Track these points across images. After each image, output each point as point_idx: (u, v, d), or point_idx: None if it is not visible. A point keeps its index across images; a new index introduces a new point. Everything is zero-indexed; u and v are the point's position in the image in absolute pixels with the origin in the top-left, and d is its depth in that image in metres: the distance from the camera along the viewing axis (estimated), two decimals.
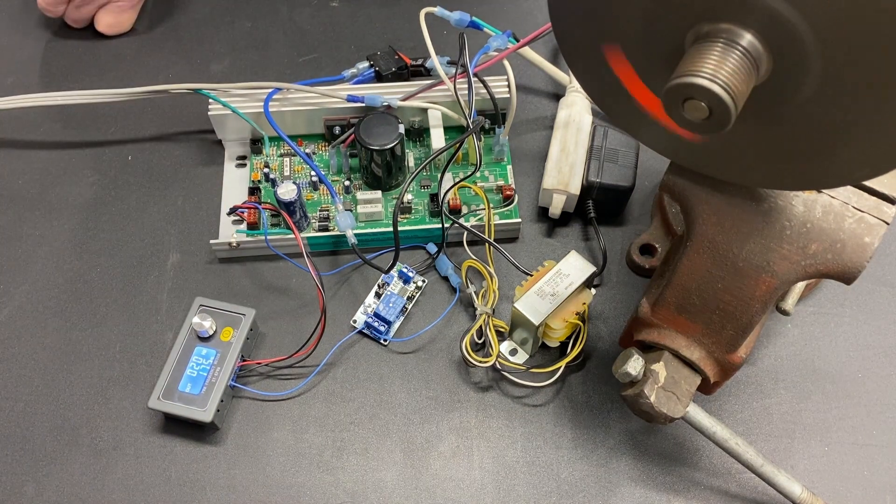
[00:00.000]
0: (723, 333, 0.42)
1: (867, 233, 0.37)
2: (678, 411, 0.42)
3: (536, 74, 0.62)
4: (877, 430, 0.49)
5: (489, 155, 0.57)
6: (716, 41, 0.28)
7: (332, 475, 0.47)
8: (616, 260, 0.55)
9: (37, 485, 0.46)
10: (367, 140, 0.52)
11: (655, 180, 0.58)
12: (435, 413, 0.49)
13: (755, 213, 0.38)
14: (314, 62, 0.64)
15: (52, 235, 0.55)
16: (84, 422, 0.48)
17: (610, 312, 0.53)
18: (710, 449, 0.48)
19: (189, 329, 0.48)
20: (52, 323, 0.52)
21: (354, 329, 0.51)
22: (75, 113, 0.61)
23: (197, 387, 0.47)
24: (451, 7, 0.56)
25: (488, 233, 0.53)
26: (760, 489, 0.46)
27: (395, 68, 0.58)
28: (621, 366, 0.43)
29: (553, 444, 0.48)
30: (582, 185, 0.53)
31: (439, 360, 0.51)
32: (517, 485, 0.47)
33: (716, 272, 0.40)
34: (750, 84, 0.29)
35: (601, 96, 0.37)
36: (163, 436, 0.48)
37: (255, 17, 0.66)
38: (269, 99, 0.54)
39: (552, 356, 0.51)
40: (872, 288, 0.53)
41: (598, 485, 0.47)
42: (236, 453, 0.47)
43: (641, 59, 0.33)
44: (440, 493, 0.46)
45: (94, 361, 0.50)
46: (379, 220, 0.54)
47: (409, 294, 0.53)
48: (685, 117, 0.29)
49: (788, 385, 0.50)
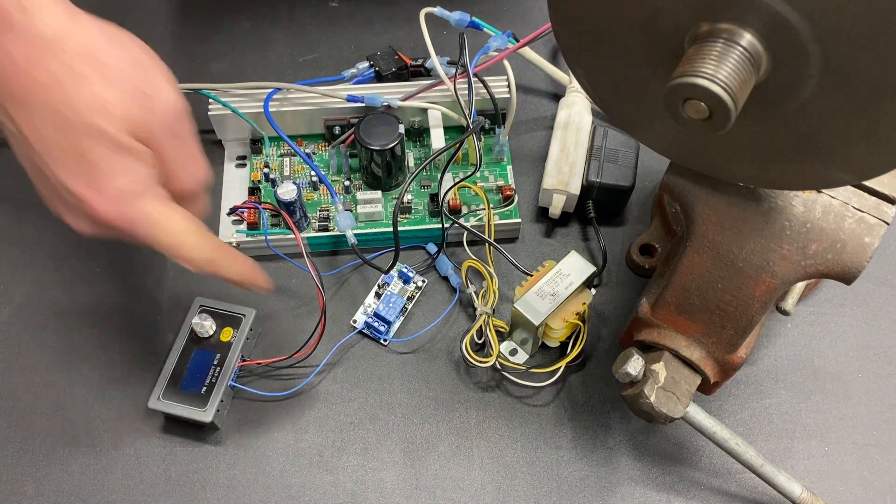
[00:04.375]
0: (723, 333, 0.42)
1: (867, 233, 0.37)
2: (678, 411, 0.42)
3: (536, 74, 0.62)
4: (877, 430, 0.49)
5: (489, 155, 0.57)
6: (715, 41, 0.28)
7: (332, 475, 0.47)
8: (616, 260, 0.55)
9: (37, 485, 0.46)
10: (367, 140, 0.52)
11: (655, 180, 0.58)
12: (435, 413, 0.49)
13: (755, 213, 0.38)
14: (314, 62, 0.64)
15: (52, 235, 0.55)
16: (84, 422, 0.48)
17: (610, 312, 0.53)
18: (710, 449, 0.48)
19: (189, 329, 0.48)
20: (52, 323, 0.52)
21: (354, 329, 0.51)
22: None
23: (197, 387, 0.47)
24: (451, 7, 0.56)
25: (488, 233, 0.53)
26: (760, 489, 0.46)
27: (395, 68, 0.58)
28: (621, 366, 0.43)
29: (553, 444, 0.48)
30: (582, 185, 0.53)
31: (439, 360, 0.51)
32: (517, 485, 0.47)
33: (716, 272, 0.40)
34: (750, 84, 0.29)
35: (601, 97, 0.37)
36: (163, 436, 0.48)
37: (255, 17, 0.66)
38: (269, 99, 0.54)
39: (552, 356, 0.51)
40: (872, 288, 0.53)
41: (598, 485, 0.47)
42: (236, 453, 0.47)
43: (641, 60, 0.33)
44: (440, 493, 0.46)
45: (94, 361, 0.50)
46: (379, 220, 0.54)
47: (409, 294, 0.53)
48: (685, 117, 0.29)
49: (788, 385, 0.50)
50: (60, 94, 0.35)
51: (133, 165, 0.37)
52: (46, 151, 0.36)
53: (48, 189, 0.38)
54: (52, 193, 0.38)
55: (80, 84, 0.35)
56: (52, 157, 0.36)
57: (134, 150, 0.37)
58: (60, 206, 0.38)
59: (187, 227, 0.39)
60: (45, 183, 0.38)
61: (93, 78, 0.35)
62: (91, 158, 0.36)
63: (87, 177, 0.36)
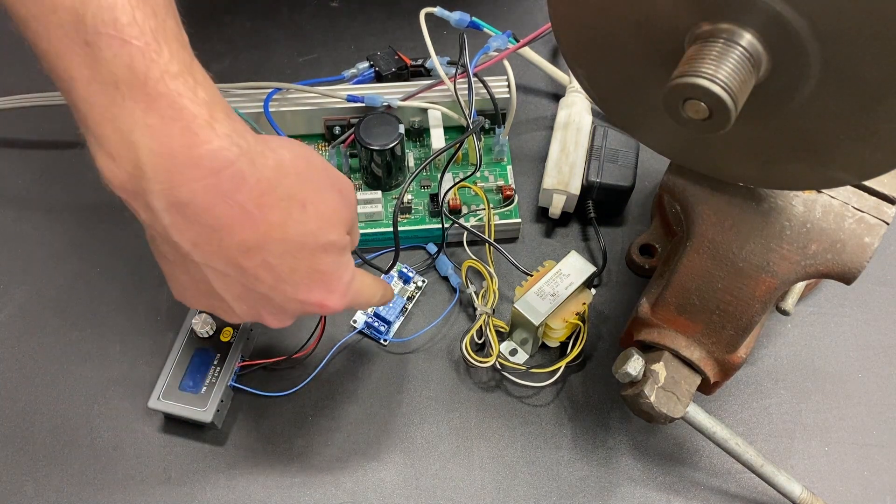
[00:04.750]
0: (723, 333, 0.42)
1: (867, 233, 0.37)
2: (678, 411, 0.42)
3: (536, 74, 0.62)
4: (877, 430, 0.49)
5: (489, 155, 0.57)
6: (715, 41, 0.28)
7: (332, 475, 0.47)
8: (616, 260, 0.55)
9: (37, 485, 0.46)
10: (367, 140, 0.52)
11: (655, 180, 0.58)
12: (435, 413, 0.49)
13: (755, 213, 0.38)
14: (314, 62, 0.64)
15: (52, 235, 0.55)
16: (84, 422, 0.48)
17: (610, 312, 0.53)
18: (710, 449, 0.48)
19: (189, 329, 0.48)
20: (52, 323, 0.52)
21: (354, 329, 0.51)
22: None
23: (197, 387, 0.47)
24: (451, 7, 0.56)
25: (488, 233, 0.53)
26: (760, 489, 0.46)
27: (395, 68, 0.58)
28: (621, 366, 0.43)
29: (553, 444, 0.48)
30: (582, 185, 0.53)
31: (439, 360, 0.51)
32: (517, 485, 0.47)
33: (716, 272, 0.40)
34: (750, 84, 0.29)
35: (601, 97, 0.37)
36: (163, 436, 0.48)
37: (255, 17, 0.66)
38: (269, 99, 0.54)
39: (552, 356, 0.51)
40: (872, 288, 0.53)
41: (598, 485, 0.47)
42: (236, 453, 0.47)
43: (641, 60, 0.33)
44: (440, 493, 0.46)
45: (94, 361, 0.50)
46: (379, 220, 0.54)
47: (409, 294, 0.53)
48: (685, 117, 0.29)
49: (788, 385, 0.50)
50: (295, 225, 0.35)
51: (349, 257, 0.39)
52: (283, 279, 0.36)
53: (257, 304, 0.37)
54: (266, 308, 0.38)
55: (305, 209, 0.35)
56: (289, 281, 0.36)
57: (349, 243, 0.38)
58: (268, 316, 0.38)
59: (373, 282, 0.42)
60: (258, 302, 0.37)
61: (312, 197, 0.35)
62: (325, 269, 0.37)
63: (323, 286, 0.37)
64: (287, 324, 0.39)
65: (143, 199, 0.32)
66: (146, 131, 0.31)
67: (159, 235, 0.34)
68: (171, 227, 0.33)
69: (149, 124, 0.31)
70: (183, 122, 0.31)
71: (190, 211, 0.32)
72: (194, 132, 0.31)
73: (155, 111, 0.31)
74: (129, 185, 0.32)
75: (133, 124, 0.31)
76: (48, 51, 0.31)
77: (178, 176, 0.31)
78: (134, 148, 0.31)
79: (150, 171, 0.31)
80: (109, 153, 0.32)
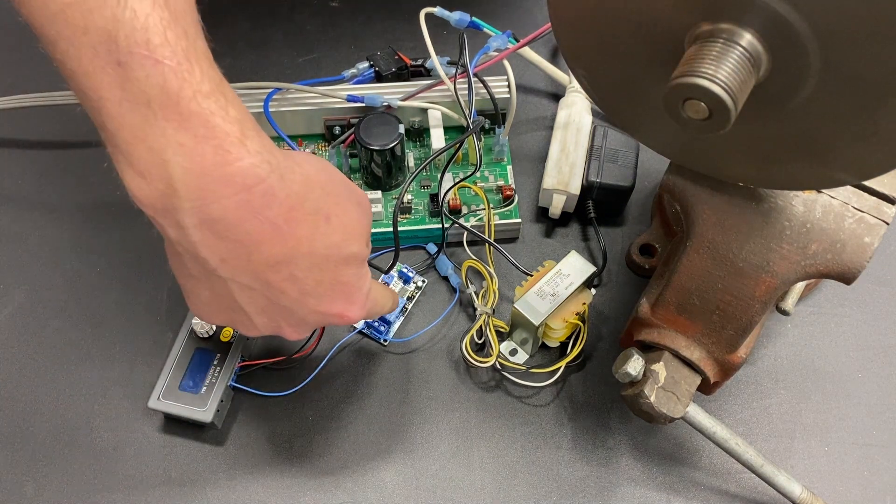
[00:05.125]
0: (723, 333, 0.42)
1: (867, 233, 0.37)
2: (678, 411, 0.42)
3: (536, 74, 0.62)
4: (877, 430, 0.49)
5: (489, 155, 0.57)
6: (715, 41, 0.28)
7: (332, 475, 0.47)
8: (616, 260, 0.55)
9: (37, 485, 0.46)
10: (367, 140, 0.52)
11: (655, 180, 0.58)
12: (435, 413, 0.49)
13: (755, 213, 0.38)
14: (314, 62, 0.64)
15: (52, 235, 0.55)
16: (84, 422, 0.48)
17: (610, 312, 0.53)
18: (710, 449, 0.48)
19: (189, 329, 0.48)
20: (52, 323, 0.52)
21: (354, 329, 0.51)
22: (75, 113, 0.61)
23: (197, 387, 0.47)
24: (451, 7, 0.56)
25: (488, 233, 0.53)
26: (760, 489, 0.46)
27: (395, 68, 0.58)
28: (621, 366, 0.43)
29: (553, 444, 0.48)
30: (582, 185, 0.53)
31: (439, 360, 0.51)
32: (517, 485, 0.47)
33: (716, 272, 0.40)
34: (750, 84, 0.29)
35: (601, 97, 0.37)
36: (163, 436, 0.48)
37: (255, 17, 0.66)
38: (269, 99, 0.54)
39: (552, 356, 0.51)
40: (872, 288, 0.53)
41: (598, 485, 0.47)
42: (236, 453, 0.47)
43: (641, 60, 0.33)
44: (440, 493, 0.46)
45: (94, 361, 0.50)
46: (379, 220, 0.54)
47: (409, 294, 0.53)
48: (685, 117, 0.29)
49: (788, 385, 0.50)
50: (321, 238, 0.35)
51: (367, 268, 0.39)
52: (307, 292, 0.36)
53: (278, 317, 0.38)
54: (287, 321, 0.38)
55: (330, 222, 0.35)
56: (314, 294, 0.36)
57: (368, 254, 0.39)
58: (288, 328, 0.38)
59: (385, 291, 0.43)
60: (280, 315, 0.37)
61: (335, 210, 0.36)
62: (347, 280, 0.37)
63: (344, 297, 0.37)
64: (304, 336, 0.40)
65: (172, 217, 0.32)
66: (179, 150, 0.31)
67: (186, 252, 0.34)
68: (200, 243, 0.33)
69: (181, 143, 0.31)
70: (216, 140, 0.31)
71: (221, 227, 0.33)
72: (227, 150, 0.31)
73: (187, 130, 0.31)
74: (159, 202, 0.32)
75: (165, 143, 0.31)
76: (77, 70, 0.31)
77: (210, 193, 0.31)
78: (166, 166, 0.31)
79: (182, 188, 0.31)
80: (140, 171, 0.31)
